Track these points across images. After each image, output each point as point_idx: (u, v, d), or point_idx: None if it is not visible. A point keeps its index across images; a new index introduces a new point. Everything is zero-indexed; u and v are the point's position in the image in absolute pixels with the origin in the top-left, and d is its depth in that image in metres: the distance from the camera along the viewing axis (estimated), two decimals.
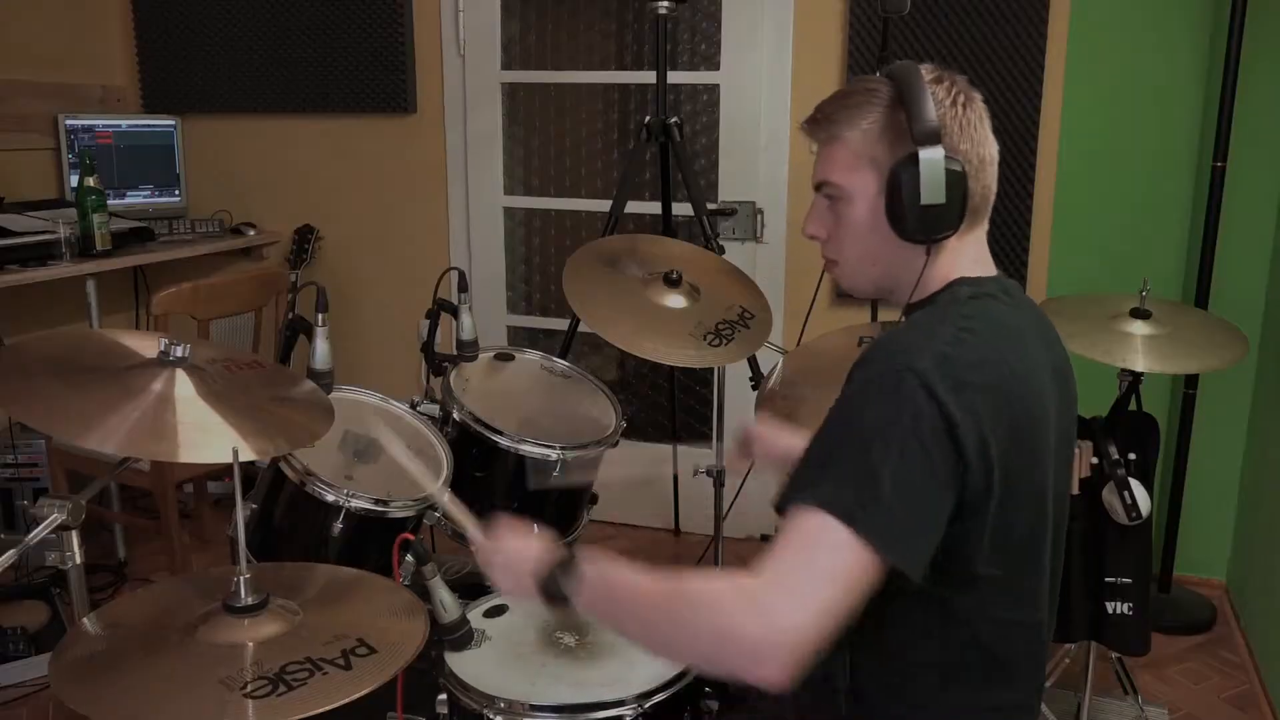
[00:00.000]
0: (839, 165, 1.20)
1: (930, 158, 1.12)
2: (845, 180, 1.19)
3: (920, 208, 1.13)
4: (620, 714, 1.42)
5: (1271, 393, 2.66)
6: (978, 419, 1.03)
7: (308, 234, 3.47)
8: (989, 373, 1.07)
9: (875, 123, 1.17)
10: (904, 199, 1.14)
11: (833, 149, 1.20)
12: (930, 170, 1.12)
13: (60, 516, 1.27)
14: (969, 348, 1.08)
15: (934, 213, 1.14)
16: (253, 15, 3.50)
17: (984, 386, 1.06)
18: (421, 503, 1.85)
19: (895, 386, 1.03)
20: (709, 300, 2.13)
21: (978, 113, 1.19)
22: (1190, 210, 2.82)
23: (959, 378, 1.04)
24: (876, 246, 1.20)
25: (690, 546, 3.28)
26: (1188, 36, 2.74)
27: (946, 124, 1.15)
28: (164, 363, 1.36)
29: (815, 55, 3.01)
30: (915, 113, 1.12)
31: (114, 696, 1.12)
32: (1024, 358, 1.13)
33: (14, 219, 2.91)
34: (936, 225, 1.15)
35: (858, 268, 1.24)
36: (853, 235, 1.21)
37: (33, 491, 2.91)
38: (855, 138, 1.18)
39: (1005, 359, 1.10)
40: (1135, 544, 2.06)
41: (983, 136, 1.19)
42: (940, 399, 1.02)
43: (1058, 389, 1.19)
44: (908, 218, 1.14)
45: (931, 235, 1.16)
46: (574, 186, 3.50)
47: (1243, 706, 2.44)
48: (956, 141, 1.15)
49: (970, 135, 1.17)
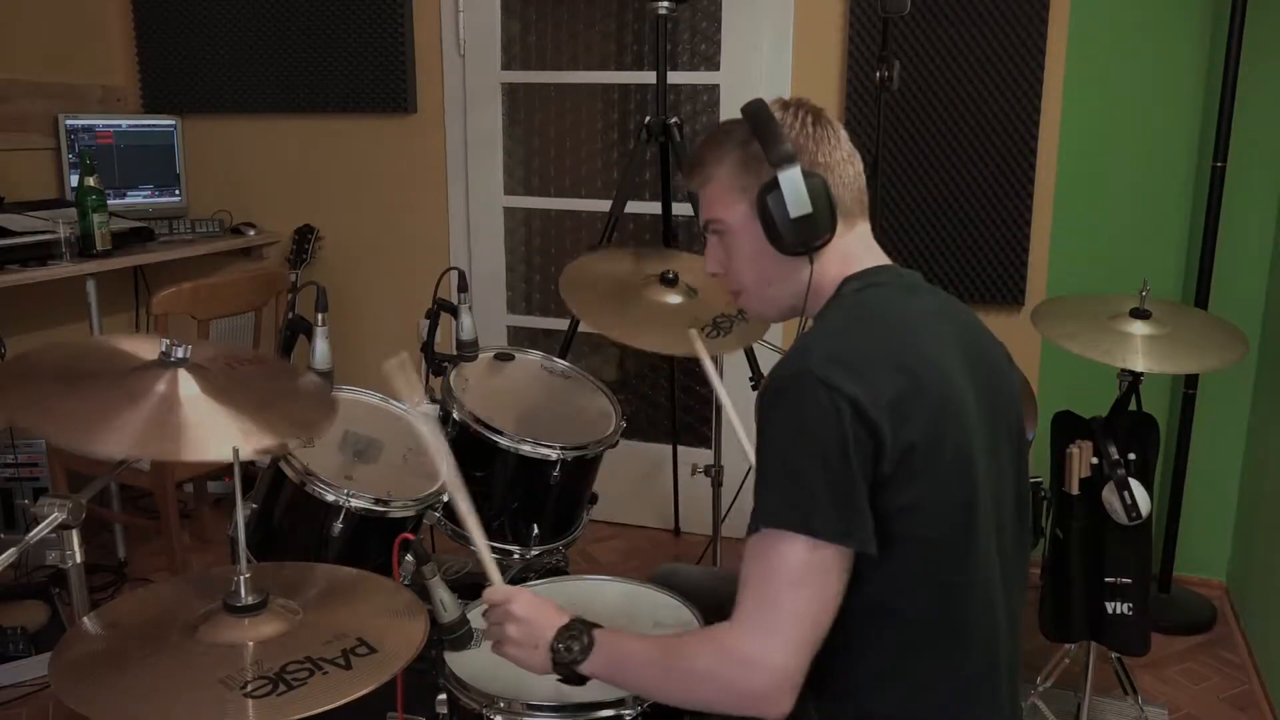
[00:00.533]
0: (717, 202, 1.31)
1: (789, 175, 1.23)
2: (724, 214, 1.31)
3: (792, 221, 1.23)
4: (620, 714, 1.42)
5: (1271, 393, 2.66)
6: (877, 393, 1.11)
7: (308, 234, 3.47)
8: (879, 349, 1.16)
9: (737, 158, 1.28)
10: (775, 217, 1.24)
11: (709, 189, 1.32)
12: (791, 186, 1.23)
13: (60, 516, 1.27)
14: (854, 334, 1.20)
15: (806, 223, 1.24)
16: (253, 15, 3.50)
17: (877, 362, 1.14)
18: (423, 503, 1.85)
19: (795, 389, 1.12)
20: (706, 298, 2.14)
21: (829, 127, 1.29)
22: (1190, 210, 2.82)
23: (848, 360, 1.13)
24: (766, 267, 1.30)
25: (690, 546, 3.28)
26: (1188, 37, 2.74)
27: (800, 143, 1.26)
28: (166, 364, 1.36)
29: (815, 55, 3.02)
30: (767, 141, 1.24)
31: (114, 696, 1.12)
32: (915, 331, 1.21)
33: (14, 219, 2.91)
34: (811, 234, 1.25)
35: (756, 291, 1.34)
36: (744, 262, 1.32)
37: (33, 491, 2.91)
38: (724, 174, 1.30)
39: (894, 334, 1.20)
40: (1135, 544, 2.06)
41: (837, 145, 1.29)
42: (837, 386, 1.10)
43: (965, 359, 1.23)
44: (783, 233, 1.24)
45: (809, 244, 1.26)
46: (574, 186, 3.50)
47: (1243, 706, 2.44)
48: (814, 156, 1.26)
49: (825, 148, 1.27)
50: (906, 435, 1.11)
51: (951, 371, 1.19)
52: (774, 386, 1.15)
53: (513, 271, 3.55)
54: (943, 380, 1.17)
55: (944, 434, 1.15)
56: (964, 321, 1.30)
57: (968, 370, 1.22)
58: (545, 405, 2.25)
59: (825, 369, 1.11)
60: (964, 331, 1.28)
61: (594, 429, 2.17)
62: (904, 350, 1.17)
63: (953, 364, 1.21)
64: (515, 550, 2.07)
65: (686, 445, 3.31)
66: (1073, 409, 2.11)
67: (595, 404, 2.26)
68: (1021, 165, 2.88)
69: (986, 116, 2.87)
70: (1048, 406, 2.18)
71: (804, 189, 1.22)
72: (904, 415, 1.11)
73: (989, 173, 2.90)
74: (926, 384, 1.15)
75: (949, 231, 2.96)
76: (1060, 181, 2.89)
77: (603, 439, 2.12)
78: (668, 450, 3.27)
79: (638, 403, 3.50)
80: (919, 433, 1.12)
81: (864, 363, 1.13)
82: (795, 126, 1.26)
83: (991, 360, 1.30)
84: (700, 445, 3.35)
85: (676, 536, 3.39)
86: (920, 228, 2.98)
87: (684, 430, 3.34)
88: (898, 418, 1.11)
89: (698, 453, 3.21)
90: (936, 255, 2.98)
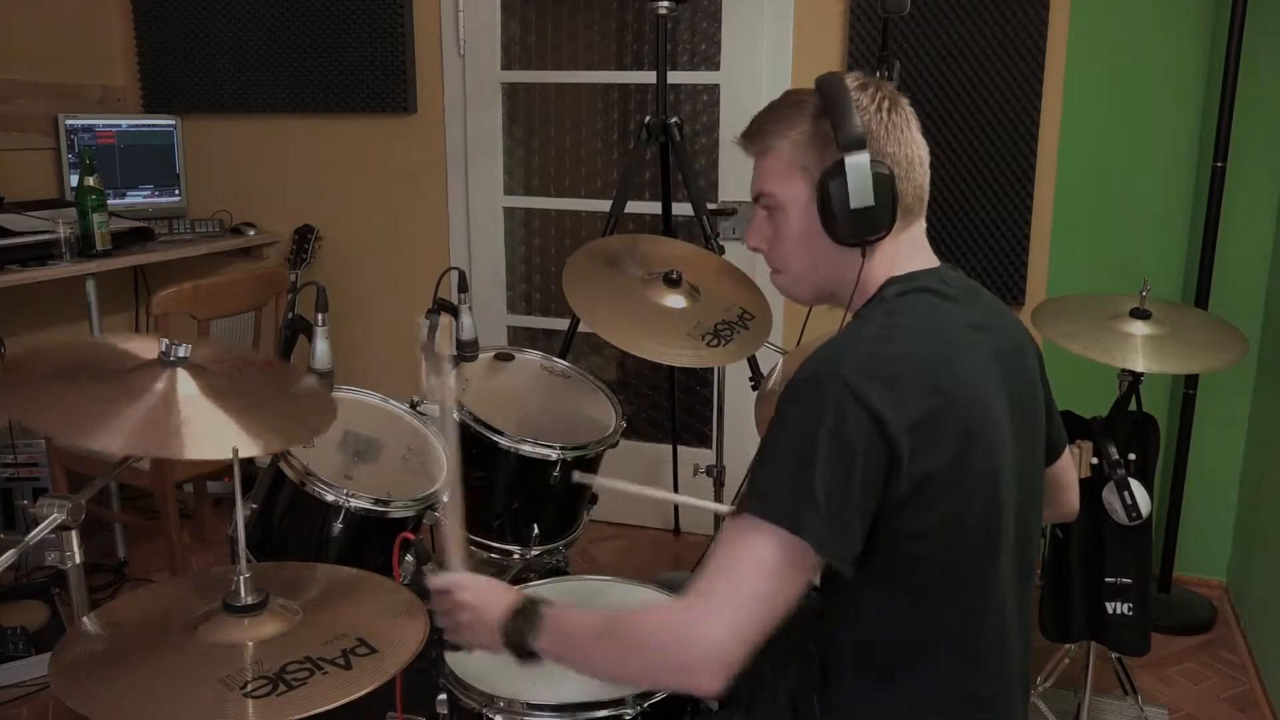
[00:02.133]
0: (773, 176, 1.25)
1: (856, 163, 1.17)
2: (779, 190, 1.24)
3: (851, 212, 1.18)
4: (620, 714, 1.42)
5: (1271, 393, 2.66)
6: (906, 411, 1.07)
7: (308, 234, 3.47)
8: (915, 365, 1.12)
9: (803, 133, 1.22)
10: (834, 204, 1.18)
11: (766, 161, 1.26)
12: (857, 175, 1.17)
13: (60, 516, 1.27)
14: (893, 343, 1.14)
15: (865, 215, 1.18)
16: (253, 15, 3.50)
17: (910, 379, 1.10)
18: (423, 502, 1.85)
19: (820, 390, 1.08)
20: (709, 301, 2.13)
21: (904, 116, 1.23)
22: (1190, 210, 2.82)
23: (882, 373, 1.09)
24: (814, 252, 1.24)
25: (690, 546, 3.28)
26: (1188, 37, 2.74)
27: (872, 129, 1.19)
28: (165, 363, 1.36)
29: (815, 55, 3.02)
30: (840, 121, 1.17)
31: (114, 696, 1.12)
32: (955, 346, 1.17)
33: (14, 219, 2.91)
34: (869, 227, 1.20)
35: (798, 275, 1.29)
36: (791, 243, 1.26)
37: (33, 491, 2.91)
38: (786, 148, 1.23)
39: (932, 350, 1.15)
40: (1135, 544, 2.06)
41: (910, 138, 1.23)
42: (864, 397, 1.06)
43: (1003, 371, 1.21)
44: (840, 222, 1.19)
45: (865, 237, 1.21)
46: (574, 186, 3.50)
47: (1243, 707, 2.44)
48: (883, 145, 1.20)
49: (897, 138, 1.21)
50: (927, 461, 1.08)
51: (985, 392, 1.16)
52: (802, 380, 1.11)
53: (513, 271, 3.55)
54: (975, 402, 1.14)
55: (970, 459, 1.12)
56: (1003, 332, 1.27)
57: (1003, 385, 1.19)
58: (545, 405, 2.24)
59: (857, 379, 1.07)
60: (1001, 342, 1.24)
61: (594, 429, 2.17)
62: (939, 368, 1.13)
63: (988, 382, 1.17)
64: (515, 550, 2.07)
65: (686, 445, 3.31)
66: (1073, 409, 2.11)
67: (595, 404, 2.26)
68: (1021, 165, 2.88)
69: (986, 116, 2.87)
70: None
71: (870, 179, 1.17)
72: (927, 439, 1.08)
73: (989, 173, 2.90)
74: (958, 406, 1.11)
75: (949, 231, 2.96)
76: (1060, 181, 2.89)
77: (603, 439, 2.12)
78: (668, 450, 3.27)
79: (638, 403, 3.50)
80: (941, 459, 1.09)
81: (896, 378, 1.09)
82: (870, 110, 1.20)
83: (1027, 372, 1.27)
84: (700, 445, 3.35)
85: (676, 536, 3.39)
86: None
87: (684, 430, 3.33)
88: (921, 441, 1.08)
89: (698, 453, 3.21)
90: (936, 255, 2.97)
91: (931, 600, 1.15)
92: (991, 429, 1.15)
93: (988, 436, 1.14)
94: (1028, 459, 1.24)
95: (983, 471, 1.14)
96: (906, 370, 1.10)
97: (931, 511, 1.10)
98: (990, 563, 1.17)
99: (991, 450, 1.15)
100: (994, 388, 1.18)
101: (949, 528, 1.12)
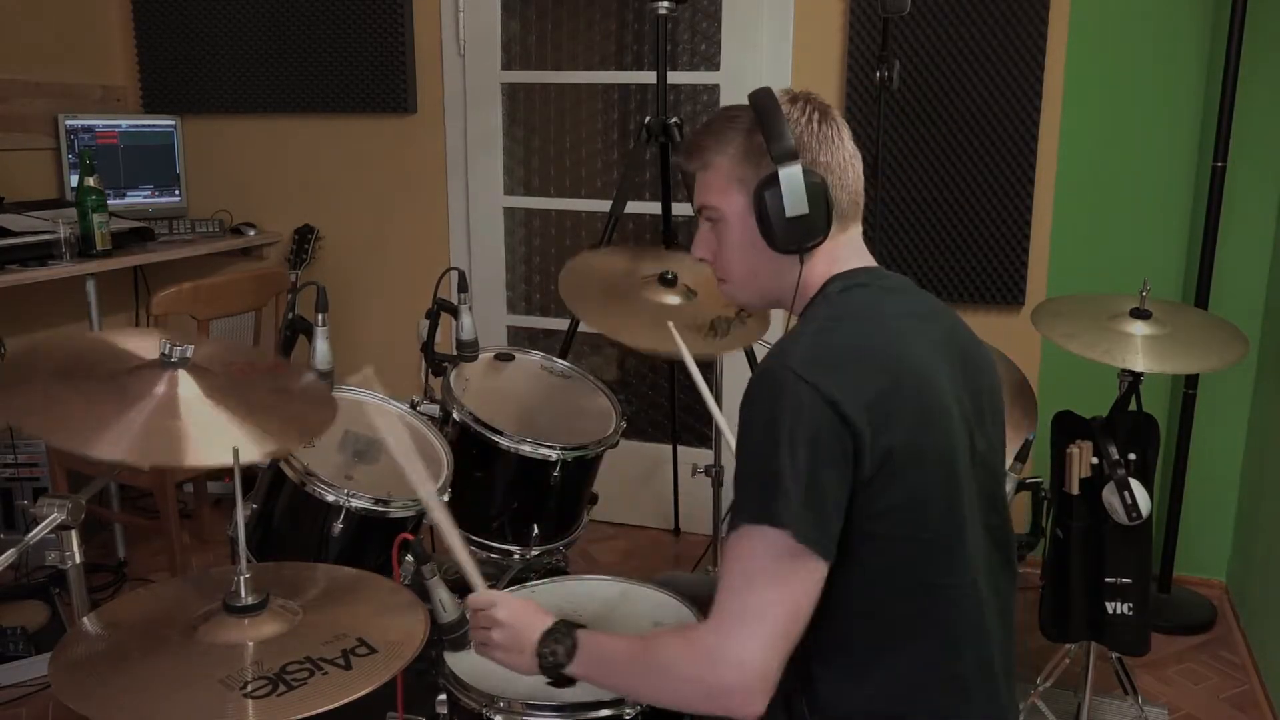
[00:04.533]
0: (713, 189, 1.29)
1: (790, 173, 1.21)
2: (719, 202, 1.29)
3: (787, 220, 1.22)
4: (620, 714, 1.42)
5: (1271, 393, 2.66)
6: (858, 392, 1.11)
7: (308, 234, 3.47)
8: (861, 350, 1.17)
9: (738, 147, 1.26)
10: (771, 214, 1.23)
11: (706, 175, 1.30)
12: (791, 185, 1.21)
13: (60, 516, 1.27)
14: (838, 333, 1.19)
15: (801, 223, 1.23)
16: (253, 15, 3.50)
17: (857, 363, 1.15)
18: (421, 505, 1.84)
19: (775, 387, 1.12)
20: (705, 299, 2.14)
21: (834, 126, 1.27)
22: (1190, 210, 2.82)
23: (830, 360, 1.14)
24: (755, 261, 1.29)
25: (690, 546, 3.28)
26: (1188, 36, 2.74)
27: (804, 140, 1.24)
28: (166, 364, 1.36)
29: (815, 55, 3.02)
30: (772, 134, 1.22)
31: (114, 696, 1.12)
32: (898, 332, 1.21)
33: (14, 219, 2.91)
34: (806, 234, 1.24)
35: (742, 282, 1.33)
36: (734, 253, 1.30)
37: (33, 491, 2.91)
38: (723, 163, 1.27)
39: (877, 335, 1.20)
40: (1135, 544, 2.06)
41: (841, 146, 1.27)
42: (816, 384, 1.10)
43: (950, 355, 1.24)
44: (777, 230, 1.23)
45: (803, 244, 1.25)
46: (574, 186, 3.50)
47: (1243, 706, 2.44)
48: (816, 154, 1.24)
49: (829, 148, 1.26)
50: (886, 439, 1.11)
51: (933, 372, 1.20)
52: (756, 384, 1.15)
53: (513, 271, 3.55)
54: (923, 381, 1.18)
55: (925, 436, 1.15)
56: (947, 323, 1.30)
57: (949, 370, 1.23)
58: (545, 405, 2.25)
59: (806, 368, 1.11)
60: (946, 332, 1.28)
61: (594, 429, 2.17)
62: (885, 351, 1.17)
63: (935, 364, 1.21)
64: (515, 550, 2.07)
65: (686, 445, 3.31)
66: (1073, 409, 2.11)
67: (595, 404, 2.26)
68: (1021, 165, 2.88)
69: (986, 116, 2.87)
70: (1048, 406, 2.18)
71: (803, 188, 1.21)
72: (884, 417, 1.12)
73: (989, 173, 2.90)
74: (906, 385, 1.15)
75: (949, 231, 2.96)
76: (1060, 181, 2.89)
77: (603, 439, 2.12)
78: (668, 450, 3.27)
79: (638, 403, 3.50)
80: (899, 436, 1.12)
81: (845, 363, 1.14)
82: (801, 122, 1.25)
83: (975, 359, 1.30)
84: (700, 445, 3.35)
85: (676, 536, 3.39)
86: (920, 228, 2.98)
87: (684, 430, 3.33)
88: (878, 419, 1.11)
89: (698, 453, 3.21)
90: (937, 255, 2.98)
91: (902, 579, 1.18)
92: (943, 408, 1.19)
93: (940, 415, 1.18)
94: (988, 438, 1.27)
95: (939, 448, 1.17)
96: (853, 356, 1.16)
97: (892, 490, 1.13)
98: (956, 541, 1.19)
99: (946, 428, 1.18)
100: (942, 371, 1.21)
101: (910, 506, 1.15)
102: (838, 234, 1.27)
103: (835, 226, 1.26)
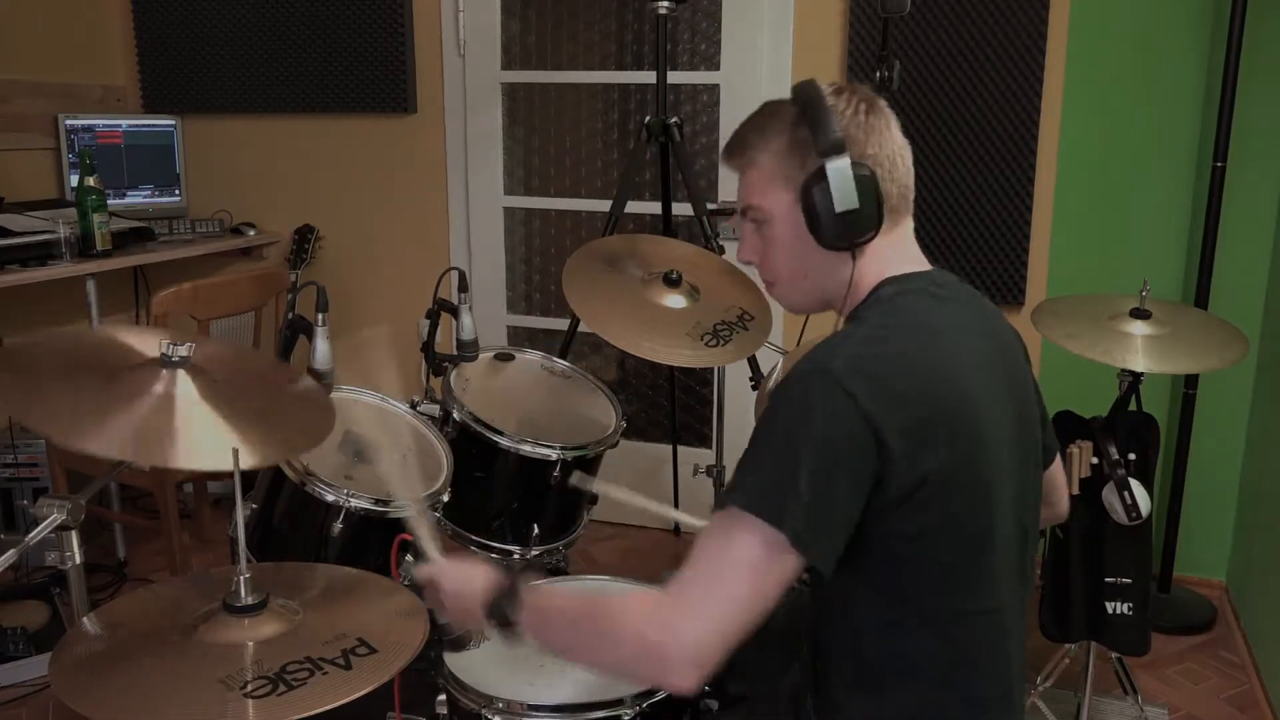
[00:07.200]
0: (757, 188, 1.25)
1: (838, 167, 1.17)
2: (764, 201, 1.25)
3: (836, 215, 1.18)
4: (619, 714, 1.42)
5: (1271, 393, 2.66)
6: (899, 411, 1.07)
7: (308, 234, 3.47)
8: (909, 365, 1.11)
9: (783, 143, 1.22)
10: (819, 210, 1.18)
11: (750, 174, 1.26)
12: (839, 179, 1.17)
13: (60, 516, 1.27)
14: (887, 344, 1.13)
15: (851, 218, 1.18)
16: (253, 15, 3.50)
17: (904, 379, 1.10)
18: (423, 503, 1.84)
19: (811, 388, 1.08)
20: (708, 301, 2.13)
21: (882, 117, 1.23)
22: (1190, 210, 2.82)
23: (875, 373, 1.08)
24: (804, 260, 1.25)
25: (690, 546, 3.28)
26: (1188, 37, 2.74)
27: (851, 133, 1.19)
28: (166, 364, 1.35)
29: (815, 55, 3.02)
30: (817, 127, 1.18)
31: (114, 696, 1.12)
32: (945, 349, 1.16)
33: (14, 219, 2.91)
34: (856, 230, 1.19)
35: (792, 283, 1.29)
36: (781, 253, 1.26)
37: (33, 491, 2.91)
38: (767, 160, 1.24)
39: (927, 351, 1.14)
40: (1135, 544, 2.06)
41: (890, 138, 1.23)
42: (854, 396, 1.06)
43: (997, 375, 1.21)
44: (826, 227, 1.19)
45: (853, 240, 1.20)
46: (574, 186, 3.50)
47: (1242, 706, 2.44)
48: (864, 147, 1.20)
49: (877, 139, 1.21)
50: (922, 463, 1.08)
51: (981, 393, 1.16)
52: (795, 377, 1.11)
53: (513, 271, 3.55)
54: (970, 405, 1.14)
55: (965, 462, 1.11)
56: (999, 337, 1.27)
57: (999, 390, 1.20)
58: (545, 405, 2.24)
59: (849, 377, 1.07)
60: (997, 347, 1.25)
61: (594, 429, 2.17)
62: (934, 371, 1.13)
63: (984, 384, 1.17)
64: (515, 550, 2.07)
65: (686, 445, 3.31)
66: (1073, 409, 2.11)
67: (595, 404, 2.26)
68: (1021, 165, 2.88)
69: (987, 116, 2.87)
70: (1048, 406, 2.17)
71: (853, 182, 1.17)
72: (922, 441, 1.08)
73: (989, 172, 2.90)
74: (953, 409, 1.11)
75: (949, 231, 2.96)
76: (1060, 181, 2.89)
77: (603, 439, 2.12)
78: (668, 450, 3.27)
79: (638, 403, 3.50)
80: (936, 461, 1.08)
81: (890, 379, 1.09)
82: (847, 114, 1.20)
83: (1021, 376, 1.27)
84: (700, 445, 3.35)
85: (676, 536, 3.39)
86: (920, 227, 2.94)
87: (684, 430, 3.33)
88: (915, 443, 1.07)
89: (698, 453, 3.21)
90: (936, 255, 2.98)
91: (927, 603, 1.15)
92: (987, 431, 1.15)
93: (984, 439, 1.14)
94: (1024, 461, 1.24)
95: (979, 473, 1.14)
96: (900, 371, 1.10)
97: (929, 513, 1.10)
98: (988, 565, 1.16)
99: (988, 452, 1.15)
100: (989, 390, 1.18)
101: (946, 530, 1.12)
102: (890, 229, 1.23)
103: (886, 221, 1.21)
